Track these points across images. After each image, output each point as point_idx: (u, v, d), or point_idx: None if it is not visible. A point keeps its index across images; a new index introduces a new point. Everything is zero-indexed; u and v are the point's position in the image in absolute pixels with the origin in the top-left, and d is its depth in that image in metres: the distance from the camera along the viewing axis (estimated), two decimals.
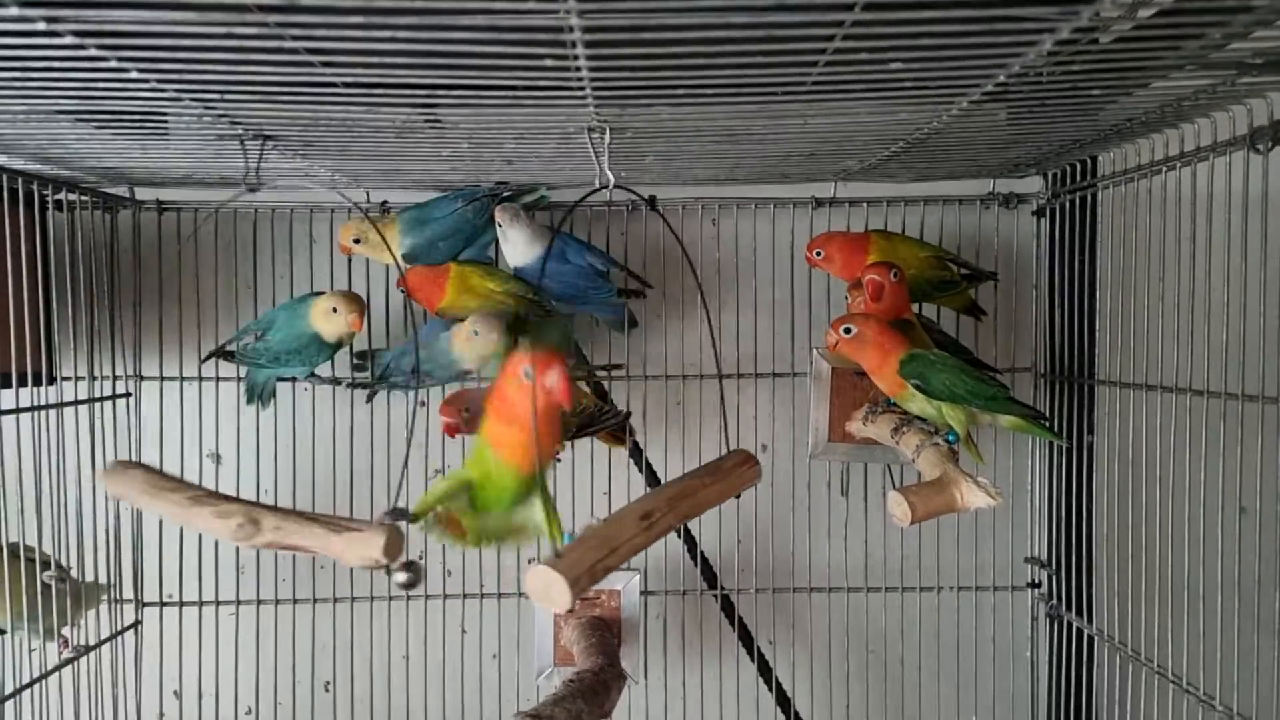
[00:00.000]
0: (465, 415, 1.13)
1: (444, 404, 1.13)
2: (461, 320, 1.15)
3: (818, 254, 1.20)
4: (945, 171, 1.23)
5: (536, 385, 0.77)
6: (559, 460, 1.27)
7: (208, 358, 1.25)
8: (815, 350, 1.21)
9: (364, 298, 1.18)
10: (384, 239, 1.16)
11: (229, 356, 1.21)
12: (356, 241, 1.19)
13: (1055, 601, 1.29)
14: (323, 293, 1.18)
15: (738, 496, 1.00)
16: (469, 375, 1.19)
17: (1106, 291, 1.18)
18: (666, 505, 0.89)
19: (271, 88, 0.73)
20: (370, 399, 1.29)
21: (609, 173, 0.90)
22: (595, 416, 1.18)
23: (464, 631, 1.37)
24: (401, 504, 0.82)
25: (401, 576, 0.81)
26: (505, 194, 1.20)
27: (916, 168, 1.18)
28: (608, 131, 0.87)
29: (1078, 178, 1.21)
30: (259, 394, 1.25)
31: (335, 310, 1.15)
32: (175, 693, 1.34)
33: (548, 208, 1.26)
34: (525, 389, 0.78)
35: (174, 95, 0.74)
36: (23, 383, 1.11)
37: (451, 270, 1.19)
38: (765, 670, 1.38)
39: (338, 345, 1.19)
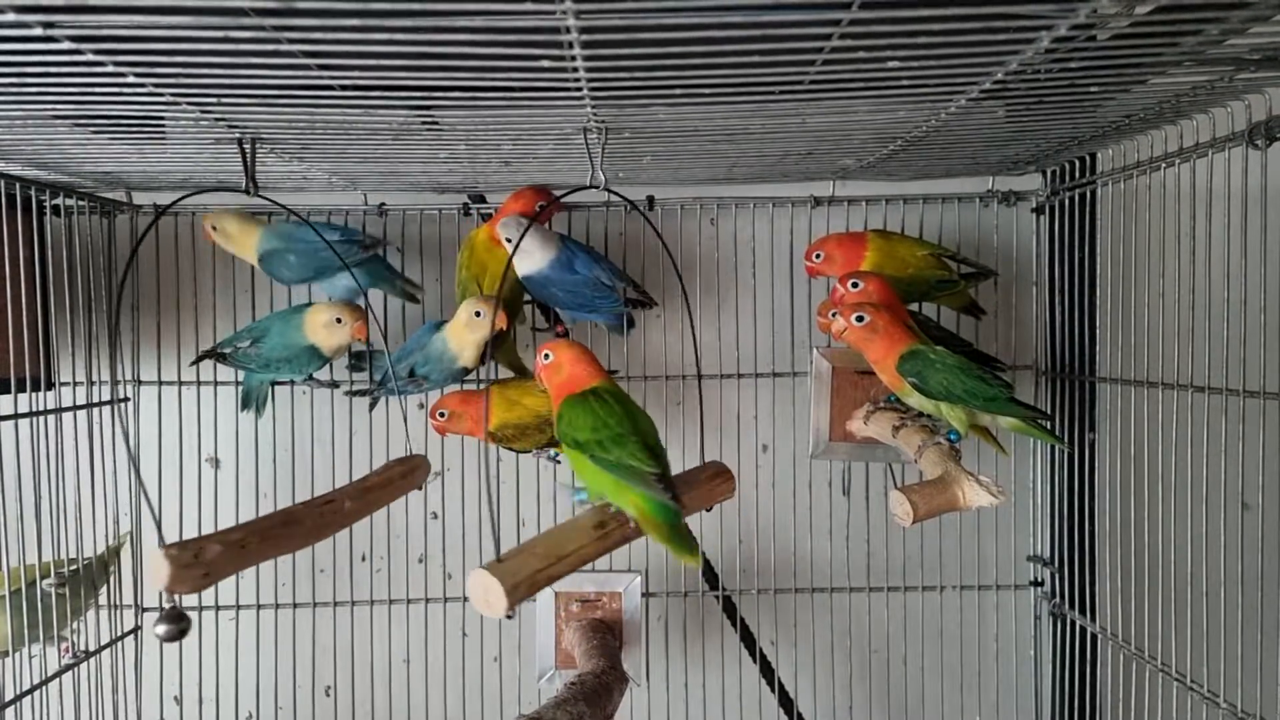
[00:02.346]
0: (440, 418, 1.17)
1: (433, 406, 1.18)
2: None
3: (817, 257, 1.19)
4: (944, 169, 1.23)
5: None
6: (559, 461, 1.27)
7: (198, 360, 1.24)
8: (816, 350, 1.21)
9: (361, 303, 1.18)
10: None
11: (221, 358, 1.21)
12: (215, 229, 1.19)
13: (1058, 599, 1.29)
14: (315, 304, 1.18)
15: (708, 509, 1.01)
16: (468, 374, 1.19)
17: (1106, 288, 1.18)
18: (621, 517, 0.90)
19: (268, 91, 0.73)
20: (372, 408, 1.28)
21: (601, 173, 0.90)
22: None
23: (465, 635, 1.36)
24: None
25: (161, 628, 0.84)
26: (369, 254, 1.19)
27: (915, 166, 1.17)
28: (604, 132, 0.87)
29: (1077, 174, 1.21)
30: (255, 400, 1.25)
31: (339, 321, 1.15)
32: (175, 698, 1.33)
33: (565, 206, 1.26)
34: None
35: (171, 99, 0.74)
36: (21, 388, 1.11)
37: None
38: (768, 671, 1.38)
39: (332, 356, 1.19)
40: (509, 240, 1.16)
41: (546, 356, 0.96)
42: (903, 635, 1.37)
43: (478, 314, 1.12)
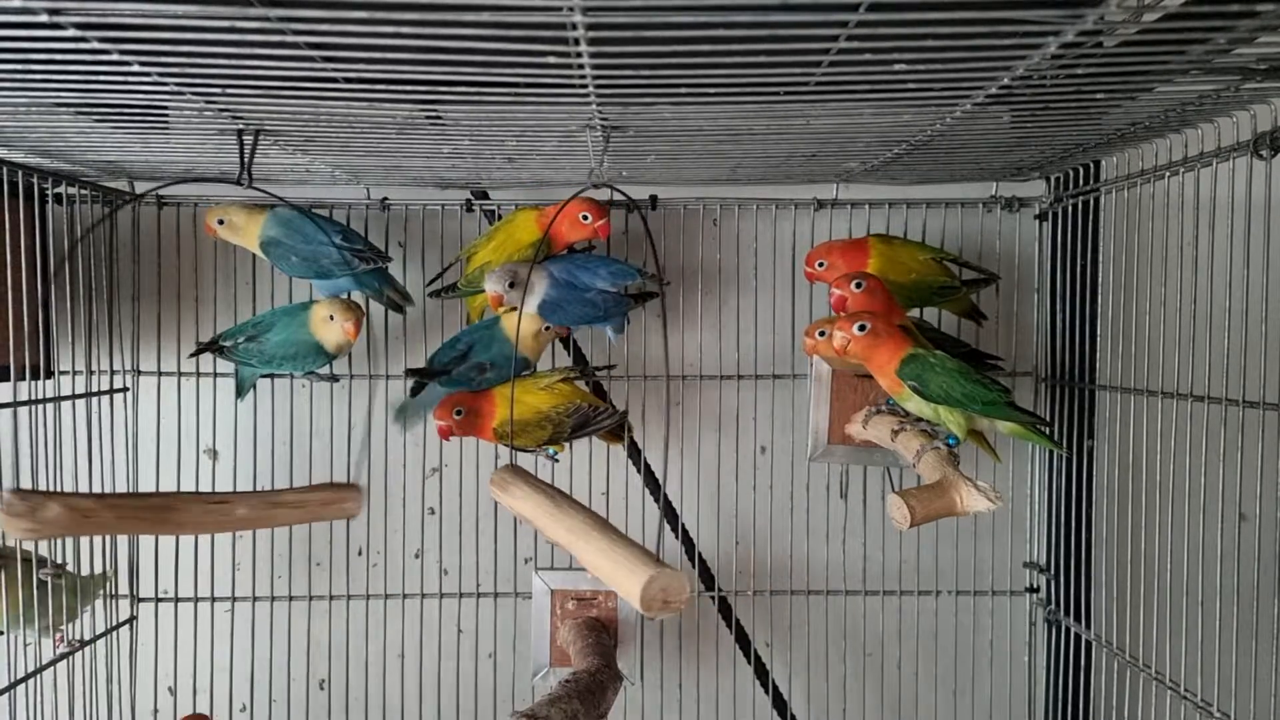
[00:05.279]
0: (457, 416, 1.15)
1: (438, 407, 1.16)
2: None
3: (820, 265, 1.18)
4: (948, 174, 1.23)
5: None
6: (557, 460, 1.26)
7: (196, 353, 1.24)
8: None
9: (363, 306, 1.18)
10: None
11: (220, 352, 1.21)
12: (221, 223, 1.18)
13: (1053, 606, 1.29)
14: (319, 301, 1.18)
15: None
16: (528, 366, 1.21)
17: (1108, 296, 1.18)
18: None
19: (273, 83, 0.72)
20: (416, 392, 1.25)
21: (601, 173, 0.91)
22: (590, 417, 1.18)
23: (460, 631, 1.36)
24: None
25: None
26: (373, 265, 1.18)
27: (919, 170, 1.17)
28: (608, 130, 0.87)
29: (1080, 182, 1.21)
30: (244, 388, 1.25)
31: (331, 318, 1.15)
32: (170, 689, 1.33)
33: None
34: None
35: (175, 89, 0.74)
36: (20, 376, 1.11)
37: None
38: (762, 673, 1.38)
39: (337, 353, 1.19)
40: (498, 291, 1.14)
41: (863, 328, 1.00)
42: (898, 639, 1.37)
43: (547, 328, 1.19)
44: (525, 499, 0.92)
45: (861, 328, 1.00)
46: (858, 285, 1.07)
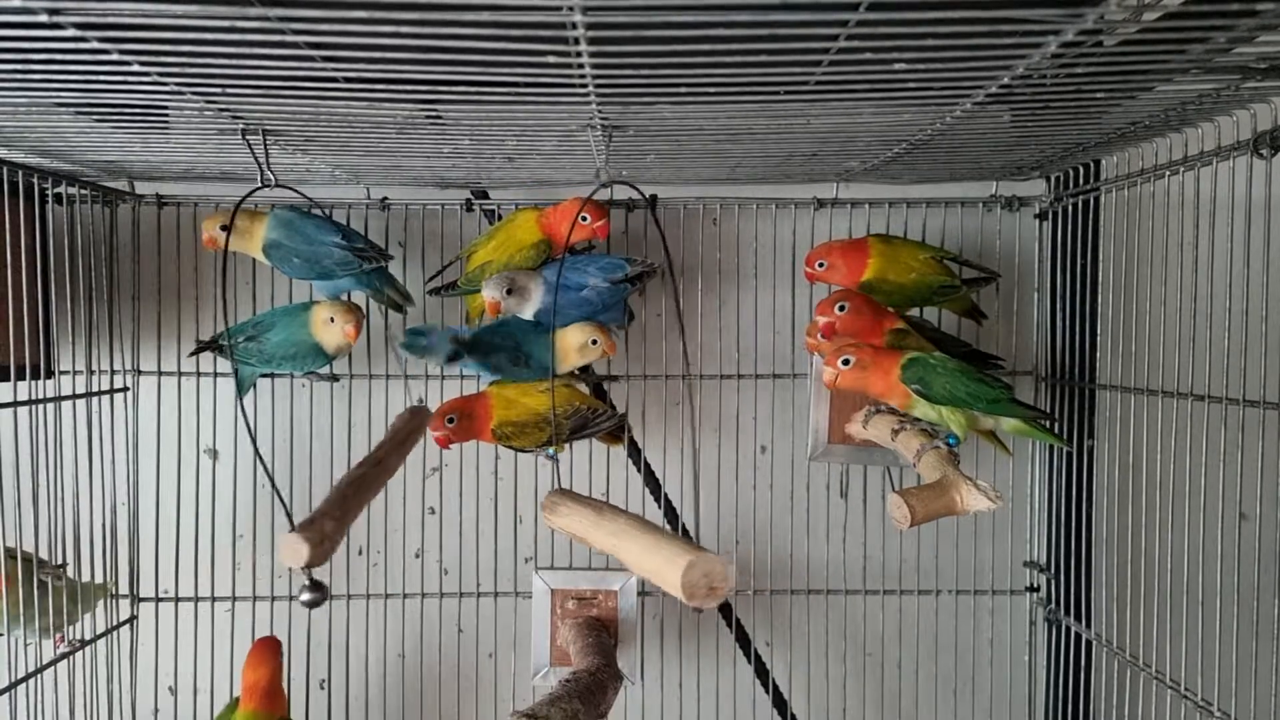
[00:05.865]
0: (450, 425, 1.15)
1: (434, 418, 1.16)
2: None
3: (820, 265, 1.18)
4: (948, 173, 1.23)
5: None
6: (557, 461, 1.26)
7: (196, 351, 1.24)
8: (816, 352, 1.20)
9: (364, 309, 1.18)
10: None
11: (219, 350, 1.21)
12: (224, 229, 1.11)
13: (1054, 606, 1.29)
14: (320, 302, 1.18)
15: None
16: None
17: (1108, 295, 1.18)
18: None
19: (273, 83, 0.72)
20: (449, 362, 1.18)
21: (607, 172, 0.91)
22: (589, 419, 1.18)
23: (460, 630, 1.36)
24: None
25: (306, 596, 0.86)
26: (374, 265, 1.17)
27: (919, 169, 1.17)
28: (609, 130, 0.87)
29: (1080, 181, 1.21)
30: (243, 387, 1.25)
31: (332, 320, 1.15)
32: (170, 688, 1.33)
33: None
34: None
35: (175, 89, 0.74)
36: (20, 376, 1.11)
37: None
38: (762, 672, 1.38)
39: (336, 355, 1.19)
40: (496, 298, 1.14)
41: (846, 362, 1.00)
42: (898, 639, 1.37)
43: (594, 342, 1.16)
44: (570, 514, 0.92)
45: (845, 362, 1.01)
46: (841, 308, 1.07)
